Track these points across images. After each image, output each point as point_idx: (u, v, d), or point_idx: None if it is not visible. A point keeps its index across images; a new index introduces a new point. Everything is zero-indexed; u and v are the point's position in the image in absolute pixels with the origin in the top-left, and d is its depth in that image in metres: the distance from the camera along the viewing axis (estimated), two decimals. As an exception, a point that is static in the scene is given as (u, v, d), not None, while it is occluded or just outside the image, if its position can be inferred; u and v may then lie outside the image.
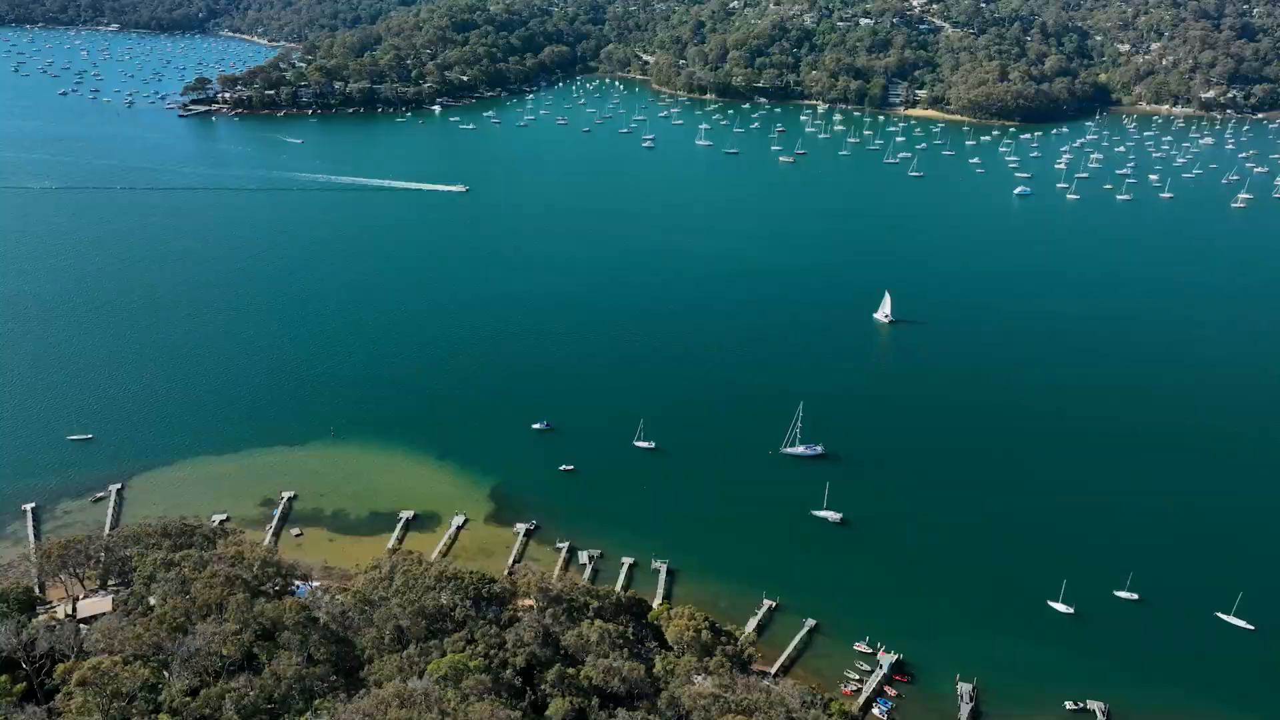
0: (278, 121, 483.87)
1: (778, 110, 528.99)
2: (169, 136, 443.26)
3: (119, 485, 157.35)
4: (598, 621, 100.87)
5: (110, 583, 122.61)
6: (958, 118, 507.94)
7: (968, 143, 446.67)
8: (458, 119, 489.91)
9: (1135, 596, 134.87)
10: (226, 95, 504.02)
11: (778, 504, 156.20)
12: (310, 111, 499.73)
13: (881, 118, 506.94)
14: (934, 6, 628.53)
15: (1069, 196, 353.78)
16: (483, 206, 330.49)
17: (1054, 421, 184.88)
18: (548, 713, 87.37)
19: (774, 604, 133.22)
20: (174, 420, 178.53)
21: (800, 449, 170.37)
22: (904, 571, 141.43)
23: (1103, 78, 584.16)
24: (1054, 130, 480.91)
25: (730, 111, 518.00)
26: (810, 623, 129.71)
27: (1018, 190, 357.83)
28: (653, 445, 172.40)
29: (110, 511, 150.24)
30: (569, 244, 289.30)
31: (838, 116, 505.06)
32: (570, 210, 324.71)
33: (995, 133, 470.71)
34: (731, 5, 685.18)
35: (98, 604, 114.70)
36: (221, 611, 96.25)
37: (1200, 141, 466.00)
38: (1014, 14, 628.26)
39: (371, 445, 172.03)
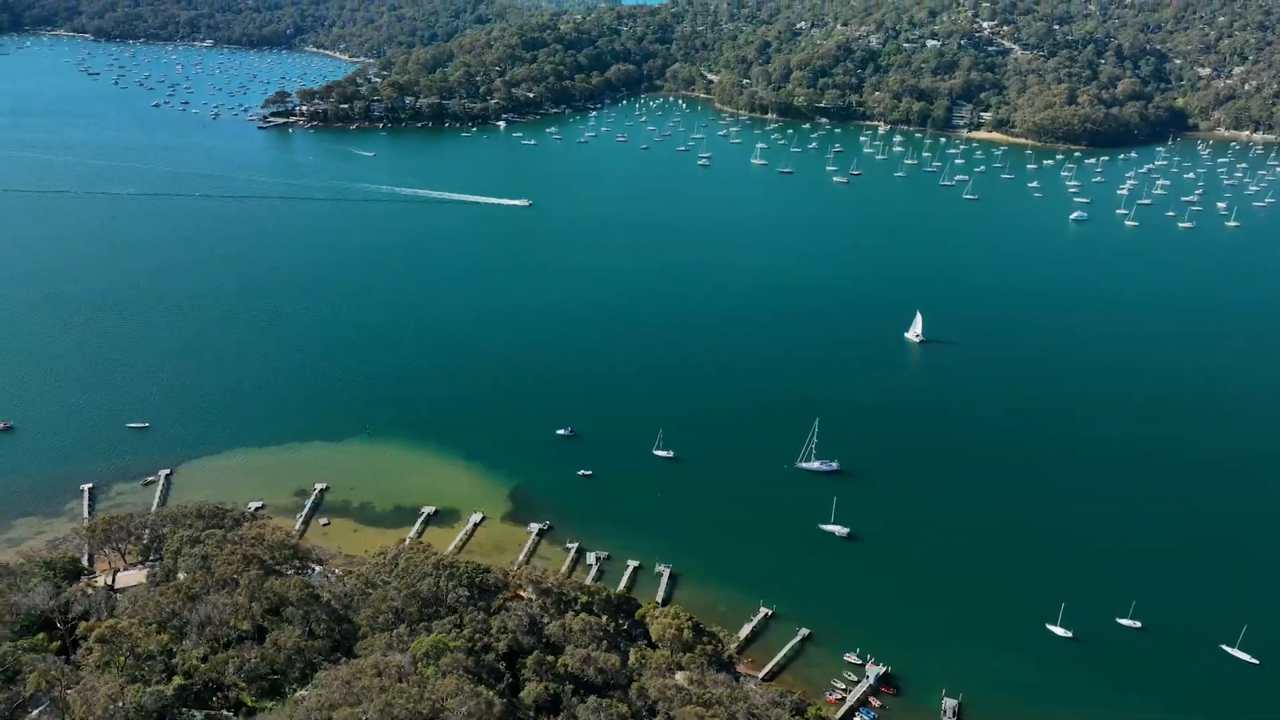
0: (350, 134, 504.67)
1: (837, 131, 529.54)
2: (248, 147, 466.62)
3: (168, 471, 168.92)
4: (582, 614, 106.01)
5: (150, 558, 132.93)
6: (1022, 141, 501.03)
7: (1029, 166, 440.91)
8: (521, 134, 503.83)
9: (1138, 624, 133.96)
10: (303, 108, 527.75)
11: (786, 517, 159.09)
12: (381, 125, 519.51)
13: (943, 140, 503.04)
14: (1004, 29, 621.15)
15: (1127, 223, 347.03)
16: (539, 220, 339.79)
17: (1072, 445, 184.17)
18: (521, 694, 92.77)
19: (770, 612, 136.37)
20: (224, 413, 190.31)
21: (815, 464, 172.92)
22: (904, 587, 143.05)
23: (1179, 102, 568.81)
24: (1121, 155, 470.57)
25: (790, 131, 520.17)
26: (804, 632, 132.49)
27: (1074, 215, 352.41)
28: (671, 454, 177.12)
29: (158, 494, 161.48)
30: (615, 257, 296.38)
31: (898, 138, 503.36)
32: (621, 224, 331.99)
33: (1059, 157, 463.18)
34: (798, 26, 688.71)
35: (134, 576, 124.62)
36: (235, 586, 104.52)
37: (1277, 170, 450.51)
38: (1088, 36, 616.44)
39: (404, 444, 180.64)
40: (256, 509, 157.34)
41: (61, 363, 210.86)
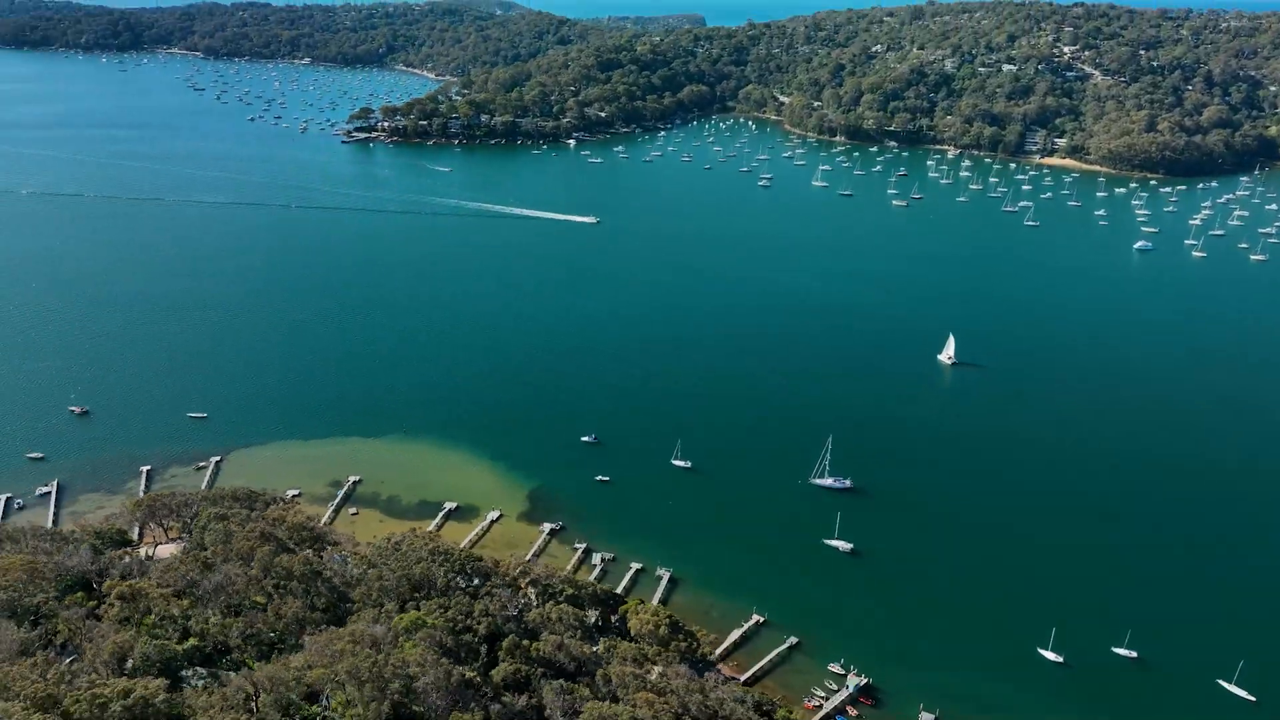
0: (427, 150, 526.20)
1: (905, 154, 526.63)
2: (330, 159, 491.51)
3: (219, 458, 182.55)
4: (562, 604, 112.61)
5: (184, 534, 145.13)
6: (1095, 168, 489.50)
7: (1099, 194, 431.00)
8: (589, 153, 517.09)
9: (1133, 654, 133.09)
10: (385, 124, 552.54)
11: (792, 530, 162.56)
12: (456, 141, 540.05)
13: (1013, 166, 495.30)
14: (1086, 54, 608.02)
15: (1194, 254, 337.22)
16: (605, 236, 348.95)
17: (1086, 473, 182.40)
18: (492, 673, 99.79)
19: (761, 619, 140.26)
20: (276, 407, 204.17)
21: (828, 480, 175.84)
22: (898, 603, 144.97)
23: (1271, 130, 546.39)
24: (1200, 185, 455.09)
25: (855, 154, 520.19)
26: (792, 640, 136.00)
27: (1138, 245, 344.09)
28: (689, 464, 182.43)
29: (207, 478, 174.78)
30: (660, 272, 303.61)
31: (967, 163, 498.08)
32: (676, 242, 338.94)
33: (1133, 185, 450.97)
34: (874, 50, 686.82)
35: (172, 549, 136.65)
36: (250, 559, 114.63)
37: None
38: (1175, 62, 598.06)
39: (436, 443, 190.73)
40: (294, 496, 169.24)
41: (139, 356, 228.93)
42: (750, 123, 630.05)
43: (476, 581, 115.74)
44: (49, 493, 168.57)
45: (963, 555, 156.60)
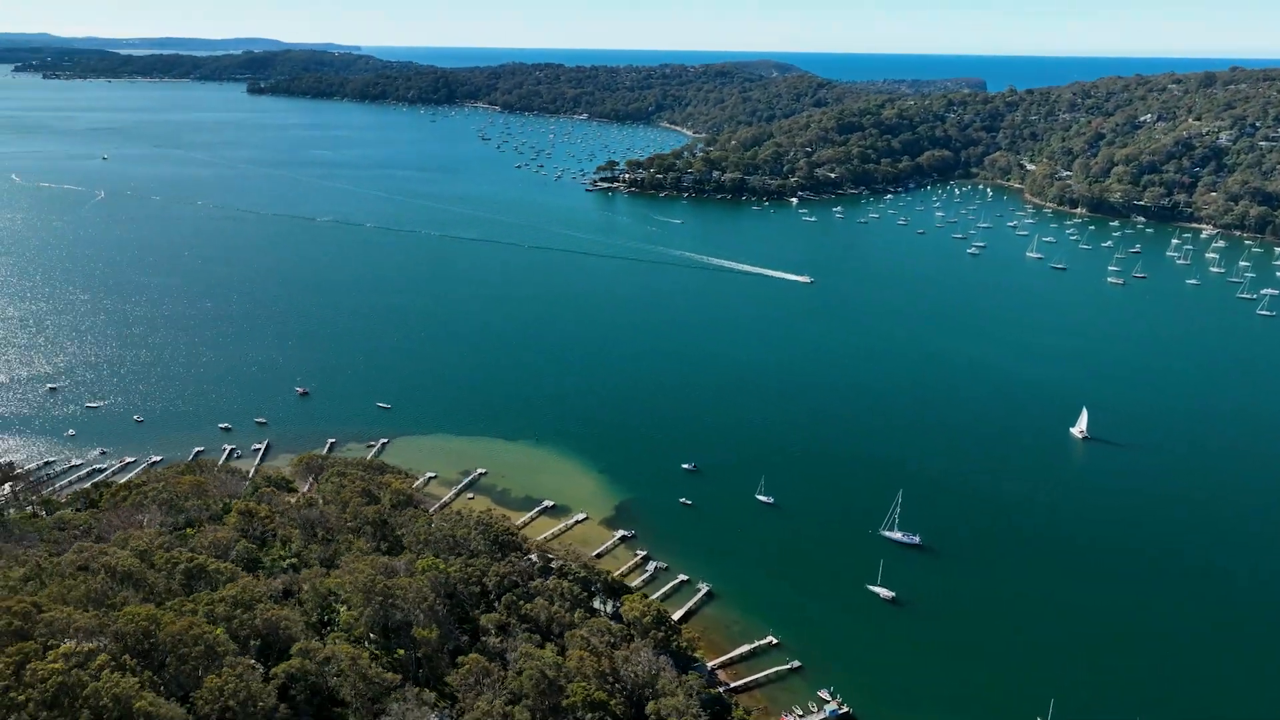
0: (659, 201, 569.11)
1: (1149, 231, 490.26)
2: (572, 205, 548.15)
3: (386, 440, 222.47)
4: (565, 580, 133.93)
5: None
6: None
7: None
8: (805, 211, 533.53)
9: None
10: (626, 175, 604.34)
11: (843, 572, 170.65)
12: (686, 195, 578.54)
13: (1278, 250, 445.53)
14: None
15: None
16: (819, 297, 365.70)
17: (1187, 563, 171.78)
18: (484, 618, 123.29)
19: (774, 641, 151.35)
20: (444, 405, 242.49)
21: (897, 534, 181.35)
22: (916, 653, 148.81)
23: None
24: None
25: (1091, 227, 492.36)
26: (795, 663, 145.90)
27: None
28: (771, 500, 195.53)
29: (371, 454, 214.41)
30: (834, 331, 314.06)
31: (1220, 244, 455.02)
32: (859, 304, 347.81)
33: None
34: (1142, 119, 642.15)
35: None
36: (345, 506, 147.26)
37: None
38: None
39: (557, 450, 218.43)
40: (430, 477, 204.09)
41: (359, 354, 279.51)
42: (988, 190, 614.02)
43: (505, 550, 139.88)
44: (259, 449, 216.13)
45: (1003, 621, 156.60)
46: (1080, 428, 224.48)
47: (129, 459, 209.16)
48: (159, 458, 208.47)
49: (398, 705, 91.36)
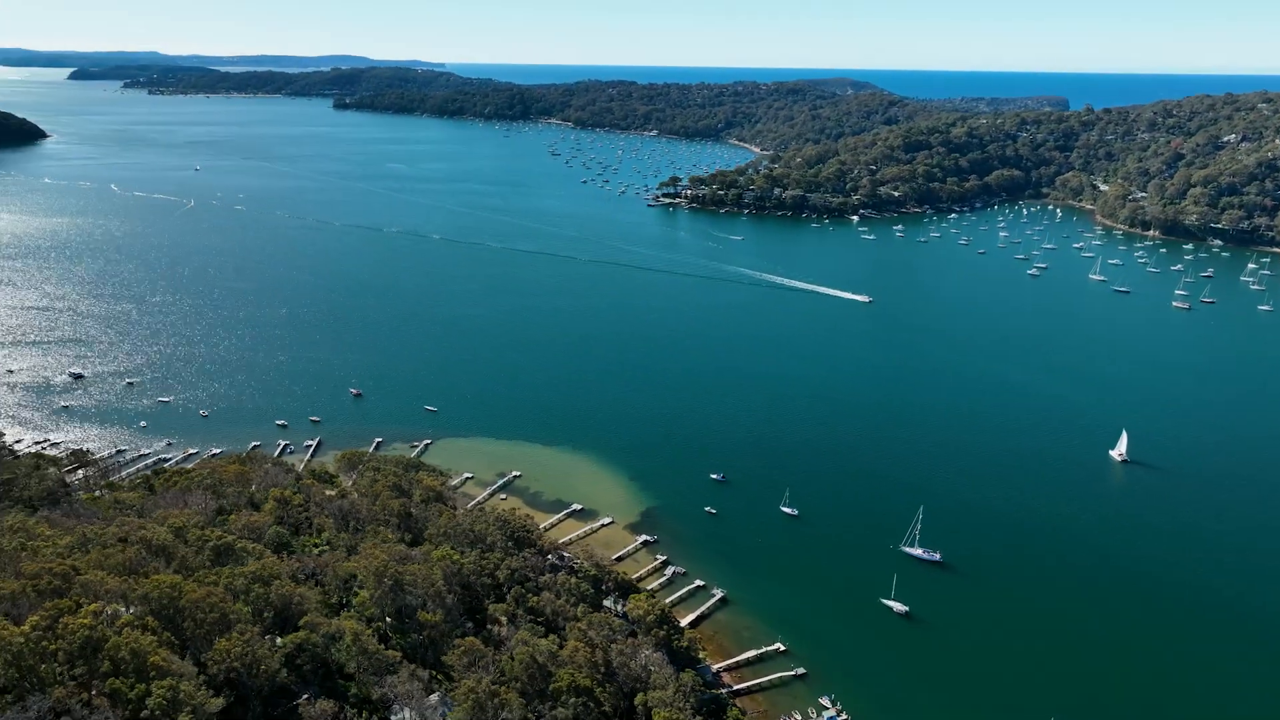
0: (720, 217, 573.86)
1: (1225, 255, 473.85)
2: (633, 220, 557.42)
3: (429, 441, 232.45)
4: (573, 578, 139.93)
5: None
6: None
7: None
8: (864, 229, 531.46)
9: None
10: (688, 191, 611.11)
11: (858, 584, 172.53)
12: (746, 211, 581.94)
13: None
14: None
15: None
16: (877, 316, 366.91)
17: (1220, 596, 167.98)
18: (490, 610, 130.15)
19: (782, 648, 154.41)
20: (488, 410, 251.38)
21: (918, 550, 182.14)
22: (922, 667, 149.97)
23: None
24: None
25: (1162, 250, 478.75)
26: (800, 670, 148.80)
27: None
28: (795, 512, 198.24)
29: (416, 453, 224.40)
30: (877, 346, 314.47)
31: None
32: (901, 319, 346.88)
33: None
34: (1225, 139, 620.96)
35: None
36: (375, 499, 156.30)
37: None
38: None
39: (592, 457, 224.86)
40: (466, 477, 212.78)
41: (414, 359, 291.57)
42: (1057, 211, 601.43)
43: (521, 547, 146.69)
44: (311, 445, 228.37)
45: (1016, 646, 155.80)
46: (1120, 451, 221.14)
47: (192, 450, 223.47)
48: (219, 449, 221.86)
49: (392, 678, 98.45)
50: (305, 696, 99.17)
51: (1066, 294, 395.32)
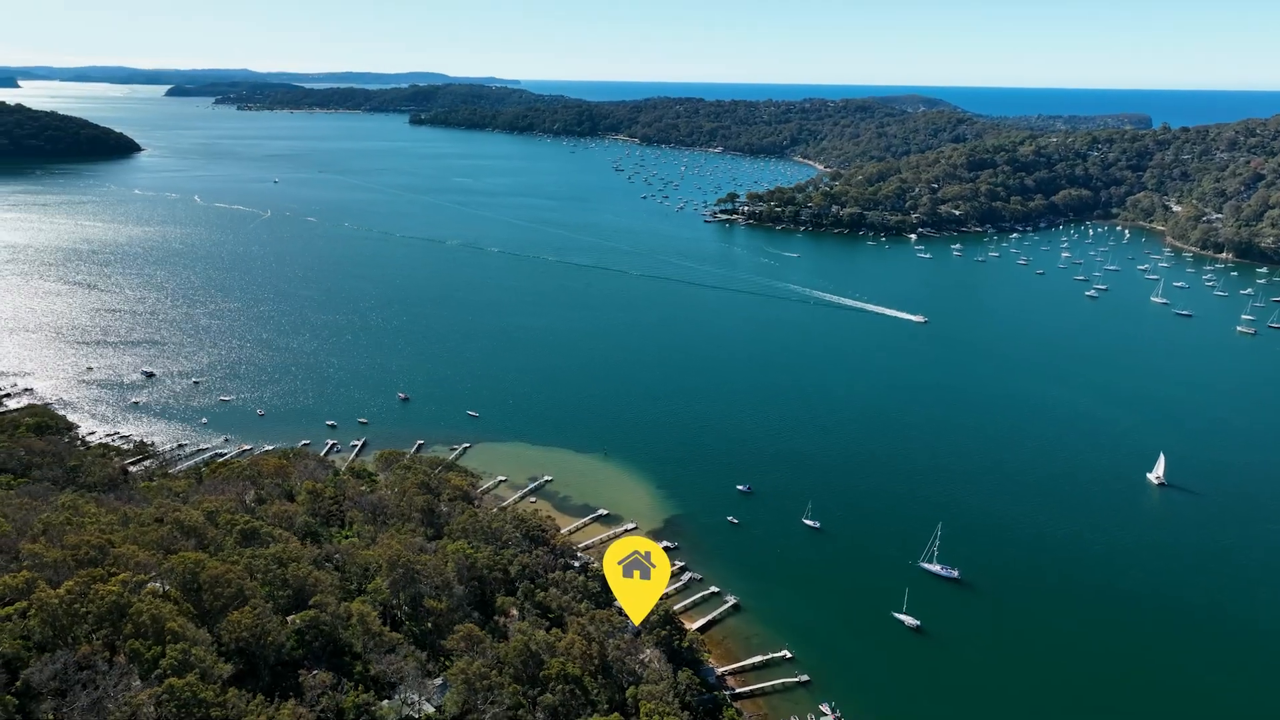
0: (776, 234, 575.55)
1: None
2: (689, 235, 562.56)
3: (468, 445, 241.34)
4: (580, 575, 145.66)
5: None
6: None
7: None
8: (921, 248, 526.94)
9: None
10: (746, 208, 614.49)
11: (870, 596, 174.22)
12: (803, 228, 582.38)
13: None
14: None
15: None
16: (932, 336, 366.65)
17: (1259, 626, 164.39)
18: (500, 603, 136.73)
19: (788, 654, 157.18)
20: (528, 417, 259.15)
21: (936, 567, 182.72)
22: (927, 679, 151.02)
23: None
24: None
25: (1234, 274, 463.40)
26: (803, 677, 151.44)
27: None
28: (817, 525, 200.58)
29: (453, 456, 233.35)
30: (925, 365, 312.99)
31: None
32: (954, 340, 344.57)
33: None
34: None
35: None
36: (403, 495, 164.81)
37: None
38: None
39: (622, 465, 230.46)
40: (500, 480, 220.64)
41: (462, 366, 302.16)
42: (1125, 231, 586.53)
43: (535, 543, 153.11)
44: (357, 445, 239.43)
45: (1028, 665, 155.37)
46: (1157, 474, 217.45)
47: (246, 446, 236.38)
48: (271, 446, 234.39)
49: (391, 656, 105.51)
50: (315, 672, 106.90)
51: (1123, 316, 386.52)
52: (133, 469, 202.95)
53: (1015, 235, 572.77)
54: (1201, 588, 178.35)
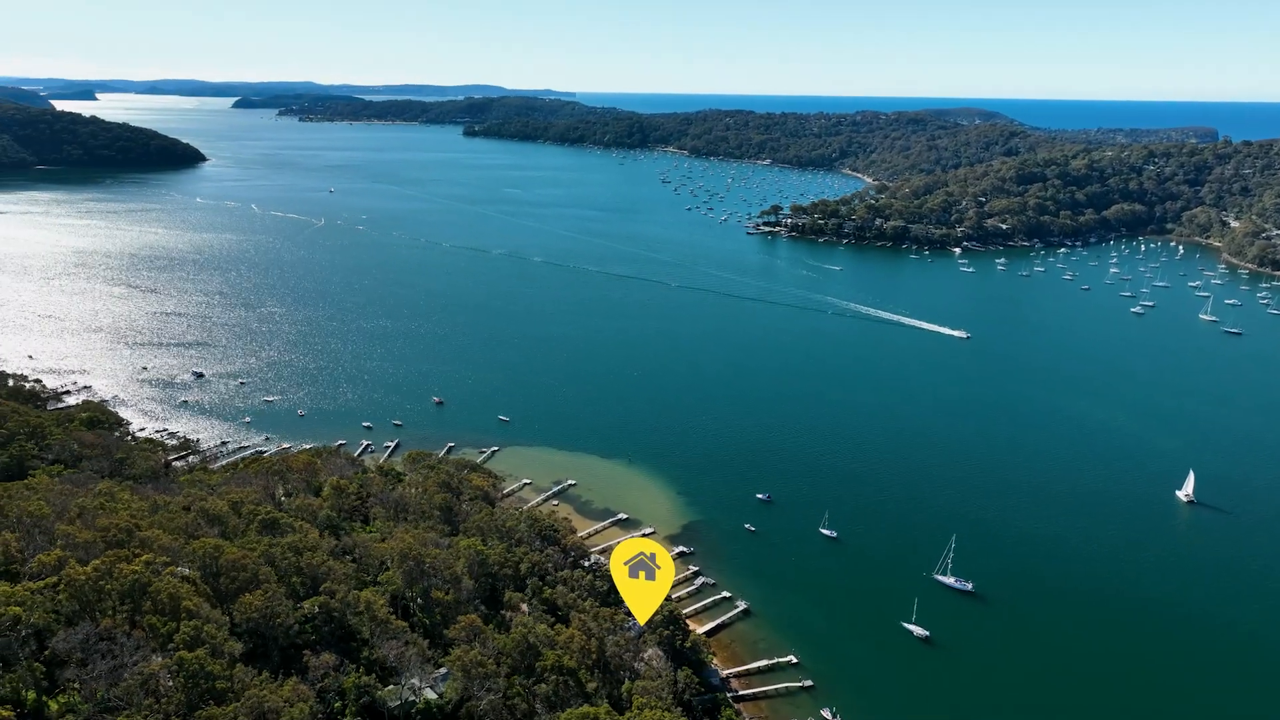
0: (818, 247, 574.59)
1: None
2: (730, 247, 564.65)
3: (497, 448, 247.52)
4: (588, 575, 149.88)
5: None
6: None
7: None
8: (964, 262, 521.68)
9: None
10: (788, 220, 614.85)
11: (880, 606, 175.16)
12: (846, 241, 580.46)
13: None
14: None
15: None
16: (972, 353, 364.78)
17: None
18: (508, 598, 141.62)
19: (794, 660, 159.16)
20: (556, 422, 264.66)
21: (950, 579, 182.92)
22: (933, 690, 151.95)
23: None
24: None
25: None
26: (807, 682, 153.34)
27: None
28: (834, 534, 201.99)
29: (482, 458, 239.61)
30: (961, 380, 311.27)
31: None
32: (994, 356, 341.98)
33: None
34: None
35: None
36: (425, 492, 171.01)
37: None
38: None
39: (645, 471, 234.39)
40: (525, 483, 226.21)
41: (497, 373, 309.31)
42: (1179, 247, 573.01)
43: (546, 543, 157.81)
44: (390, 446, 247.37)
45: (1037, 680, 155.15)
46: (1186, 491, 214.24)
47: (285, 445, 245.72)
48: (308, 445, 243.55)
49: (392, 642, 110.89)
50: (320, 654, 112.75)
51: (1168, 333, 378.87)
52: (176, 463, 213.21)
53: (1063, 250, 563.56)
54: (1227, 608, 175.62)
